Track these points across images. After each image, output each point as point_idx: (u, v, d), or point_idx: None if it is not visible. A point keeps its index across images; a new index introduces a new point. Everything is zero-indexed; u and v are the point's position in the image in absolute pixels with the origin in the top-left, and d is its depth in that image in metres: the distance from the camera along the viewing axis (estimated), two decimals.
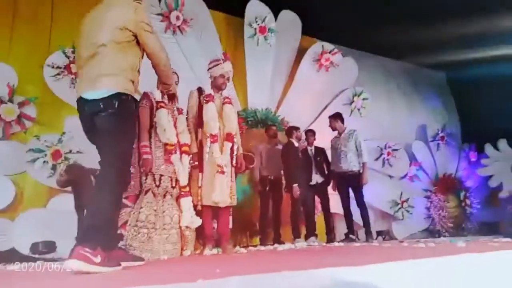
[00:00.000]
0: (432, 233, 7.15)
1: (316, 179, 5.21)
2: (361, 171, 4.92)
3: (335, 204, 5.24)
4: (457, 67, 7.76)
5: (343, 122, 5.20)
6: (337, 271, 1.49)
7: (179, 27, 5.42)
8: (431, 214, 7.37)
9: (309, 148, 5.34)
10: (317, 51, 6.55)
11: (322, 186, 5.22)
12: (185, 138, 3.30)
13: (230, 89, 3.70)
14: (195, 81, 4.72)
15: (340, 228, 5.48)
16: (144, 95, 3.21)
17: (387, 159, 7.03)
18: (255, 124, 5.91)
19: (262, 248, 4.06)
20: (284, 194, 5.06)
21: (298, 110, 6.23)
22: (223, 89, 3.59)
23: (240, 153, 3.63)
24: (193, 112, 3.50)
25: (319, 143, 5.43)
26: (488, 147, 7.75)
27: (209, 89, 3.55)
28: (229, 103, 3.59)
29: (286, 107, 6.27)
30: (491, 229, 6.92)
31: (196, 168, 3.35)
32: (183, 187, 3.16)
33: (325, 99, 6.71)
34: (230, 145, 3.47)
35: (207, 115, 3.41)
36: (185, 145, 3.27)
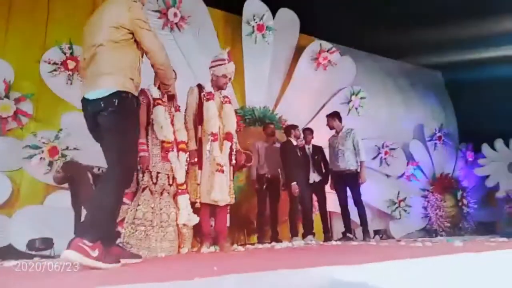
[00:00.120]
0: (429, 232, 7.18)
1: (314, 177, 5.21)
2: (358, 170, 4.93)
3: (333, 203, 5.25)
4: (454, 67, 7.78)
5: (340, 121, 5.20)
6: (334, 269, 1.49)
7: (176, 24, 5.40)
8: (428, 213, 7.40)
9: (307, 147, 5.34)
10: (315, 49, 6.54)
11: (319, 185, 5.22)
12: (182, 135, 3.28)
13: (228, 87, 3.67)
14: (193, 78, 4.71)
15: (338, 227, 5.49)
16: (141, 91, 3.17)
17: (385, 158, 7.05)
18: (252, 122, 5.91)
19: (259, 246, 4.05)
20: (282, 192, 5.06)
21: (296, 108, 6.22)
22: (224, 89, 3.58)
23: (238, 148, 3.62)
24: (192, 109, 3.46)
25: (317, 141, 5.43)
26: (485, 147, 7.77)
27: (209, 86, 3.52)
28: (228, 102, 3.58)
29: (284, 105, 6.26)
30: (487, 228, 6.97)
31: (195, 165, 3.33)
32: (180, 184, 3.14)
33: (323, 97, 6.71)
34: (230, 144, 3.46)
35: (208, 113, 3.38)
36: (182, 142, 3.25)
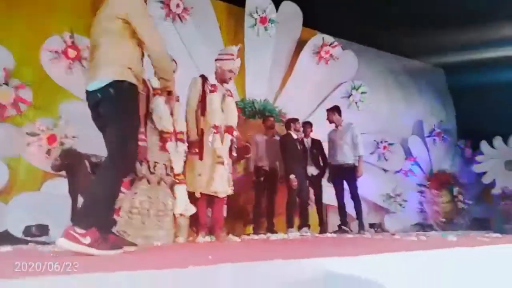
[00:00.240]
0: (424, 227, 7.22)
1: (311, 171, 5.23)
2: (356, 164, 4.94)
3: (329, 195, 5.27)
4: (457, 65, 7.78)
5: (340, 115, 5.20)
6: (328, 261, 1.50)
7: (179, 15, 5.37)
8: (424, 208, 7.44)
9: (306, 140, 5.35)
10: (317, 43, 6.51)
11: (316, 178, 5.24)
12: (181, 125, 3.29)
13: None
14: (194, 69, 4.70)
15: (333, 219, 5.52)
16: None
17: (383, 153, 7.06)
18: (252, 114, 5.90)
19: (255, 237, 4.08)
20: (279, 184, 5.08)
21: (296, 102, 6.21)
22: (227, 83, 3.57)
23: (239, 141, 3.64)
24: (195, 99, 3.43)
25: (316, 135, 5.44)
26: (484, 145, 7.78)
27: (212, 78, 3.50)
28: (230, 95, 3.58)
29: (284, 98, 6.25)
30: (482, 225, 7.00)
31: (195, 155, 3.33)
32: (178, 174, 3.15)
33: (323, 91, 6.70)
34: (230, 137, 3.47)
35: (211, 105, 3.38)
36: (181, 132, 3.26)
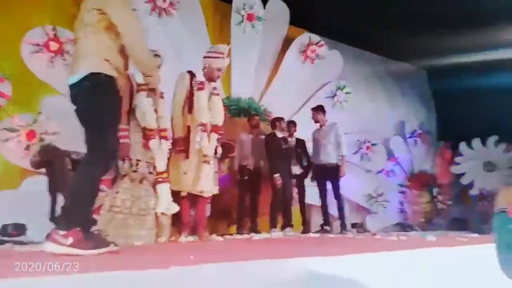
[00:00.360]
0: (404, 227, 7.34)
1: (295, 170, 5.25)
2: (339, 163, 4.99)
3: (312, 195, 5.30)
4: (440, 68, 8.00)
5: (325, 115, 5.24)
6: (311, 261, 1.51)
7: (164, 9, 5.29)
8: (405, 208, 7.57)
9: (290, 139, 5.36)
10: (303, 42, 6.52)
11: (300, 177, 5.26)
12: (165, 123, 3.25)
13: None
14: (179, 64, 4.64)
15: (316, 219, 5.56)
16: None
17: (366, 153, 7.14)
18: (237, 113, 5.86)
19: (238, 237, 4.07)
20: (263, 184, 5.08)
21: (281, 100, 6.20)
22: (215, 81, 3.53)
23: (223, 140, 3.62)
24: (182, 96, 3.37)
25: (301, 135, 5.46)
26: (463, 146, 7.96)
27: (200, 75, 3.44)
28: (217, 94, 3.54)
29: (270, 97, 6.24)
30: (461, 225, 7.15)
31: (181, 153, 3.29)
32: (161, 173, 3.11)
33: (308, 91, 6.71)
34: (217, 136, 3.44)
35: (199, 103, 3.34)
36: (165, 130, 3.22)
